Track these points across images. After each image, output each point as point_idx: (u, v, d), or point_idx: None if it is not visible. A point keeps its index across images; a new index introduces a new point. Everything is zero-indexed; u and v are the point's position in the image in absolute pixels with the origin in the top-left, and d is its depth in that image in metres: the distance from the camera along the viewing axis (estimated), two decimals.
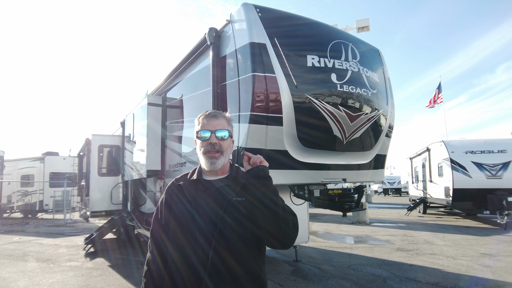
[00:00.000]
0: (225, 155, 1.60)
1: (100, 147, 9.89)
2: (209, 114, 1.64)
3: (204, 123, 1.61)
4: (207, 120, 1.61)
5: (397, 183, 42.07)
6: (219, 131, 1.59)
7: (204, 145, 1.58)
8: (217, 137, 1.58)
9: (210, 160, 1.56)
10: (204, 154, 1.58)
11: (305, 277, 5.74)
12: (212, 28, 4.44)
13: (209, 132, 1.58)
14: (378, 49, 5.42)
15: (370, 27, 14.06)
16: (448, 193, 12.82)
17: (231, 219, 1.48)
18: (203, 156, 1.59)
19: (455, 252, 7.44)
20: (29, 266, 7.12)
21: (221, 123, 1.61)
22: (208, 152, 1.57)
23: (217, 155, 1.56)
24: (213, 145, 1.56)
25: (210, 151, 1.57)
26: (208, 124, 1.60)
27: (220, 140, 1.58)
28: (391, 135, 5.44)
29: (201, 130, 1.60)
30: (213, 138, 1.57)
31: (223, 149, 1.59)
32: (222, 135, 1.59)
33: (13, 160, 20.78)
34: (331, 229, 11.68)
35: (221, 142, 1.58)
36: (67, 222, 16.09)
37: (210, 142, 1.57)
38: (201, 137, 1.59)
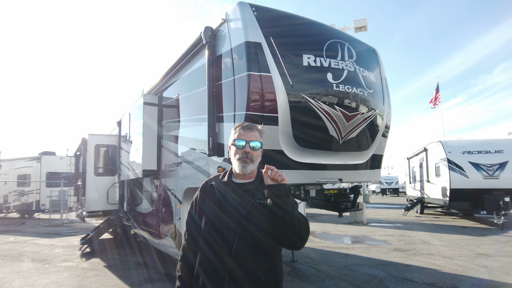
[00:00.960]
0: (255, 162, 1.81)
1: (97, 146, 9.85)
2: (246, 126, 1.82)
3: (240, 133, 1.79)
4: (244, 131, 1.79)
5: (394, 183, 42.17)
6: (253, 142, 1.78)
7: (239, 152, 1.77)
8: (250, 147, 1.77)
9: (242, 164, 1.75)
10: (238, 160, 1.76)
11: (301, 277, 5.73)
12: (208, 27, 4.41)
13: (244, 142, 1.76)
14: (375, 49, 5.41)
15: (368, 27, 14.06)
16: (445, 193, 12.83)
17: (254, 217, 1.67)
18: (236, 161, 1.77)
19: (451, 252, 7.44)
20: (24, 266, 7.08)
21: (255, 135, 1.81)
22: (241, 158, 1.76)
23: (248, 160, 1.76)
24: (247, 153, 1.76)
25: (243, 158, 1.76)
26: (244, 134, 1.78)
27: (252, 150, 1.78)
28: (388, 135, 5.43)
29: (237, 139, 1.78)
30: (247, 147, 1.76)
31: (254, 158, 1.79)
32: (255, 145, 1.78)
33: (9, 160, 20.69)
34: (328, 229, 11.67)
35: (253, 152, 1.78)
36: (63, 222, 16.01)
37: (245, 150, 1.76)
38: (237, 145, 1.77)
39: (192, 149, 5.04)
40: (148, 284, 5.62)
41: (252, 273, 1.64)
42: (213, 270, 1.66)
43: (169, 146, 6.00)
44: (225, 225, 1.68)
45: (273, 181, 1.64)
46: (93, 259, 7.72)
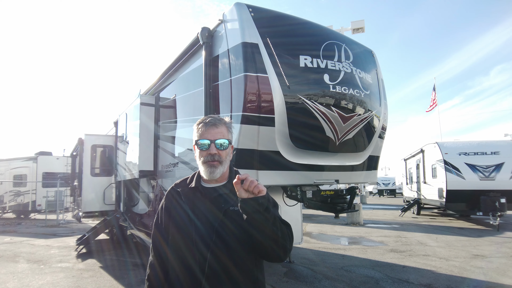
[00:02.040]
0: (224, 164, 1.57)
1: (93, 147, 9.81)
2: (208, 122, 1.58)
3: (203, 132, 1.56)
4: (206, 129, 1.56)
5: (391, 184, 42.26)
6: (219, 140, 1.54)
7: (203, 154, 1.55)
8: (216, 146, 1.53)
9: (209, 169, 1.53)
10: (204, 163, 1.55)
11: (297, 279, 5.73)
12: (205, 27, 4.41)
13: (208, 141, 1.53)
14: (372, 50, 5.42)
15: (365, 28, 14.12)
16: (441, 194, 12.88)
17: (230, 225, 1.48)
18: (202, 165, 1.56)
19: (448, 253, 7.46)
20: (20, 267, 7.03)
21: (221, 131, 1.57)
22: (207, 162, 1.54)
23: (215, 163, 1.53)
24: (213, 155, 1.53)
25: (209, 161, 1.54)
26: (207, 132, 1.55)
27: (220, 150, 1.54)
28: (384, 136, 5.44)
29: (200, 139, 1.56)
30: (212, 148, 1.53)
31: (222, 159, 1.55)
32: (222, 143, 1.55)
33: (5, 160, 20.58)
34: (325, 230, 11.69)
35: (221, 152, 1.55)
36: (60, 222, 15.93)
37: (210, 152, 1.53)
38: (200, 146, 1.55)
39: (189, 149, 5.03)
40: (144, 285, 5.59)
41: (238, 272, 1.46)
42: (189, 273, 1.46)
43: (166, 147, 5.99)
44: (197, 237, 1.47)
45: (248, 193, 1.32)
46: (89, 260, 7.69)
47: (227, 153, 1.59)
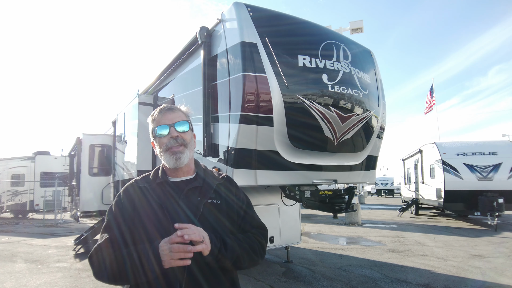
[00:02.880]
0: (190, 148, 1.46)
1: (91, 146, 9.80)
2: (163, 107, 1.48)
3: (159, 119, 1.45)
4: (162, 115, 1.45)
5: (390, 184, 42.30)
6: (178, 123, 1.44)
7: (164, 141, 1.42)
8: (177, 130, 1.42)
9: (174, 155, 1.40)
10: (167, 150, 1.41)
11: (296, 278, 5.72)
12: (204, 27, 4.41)
13: (167, 127, 1.41)
14: (370, 50, 5.43)
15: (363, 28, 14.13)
16: (439, 194, 12.90)
17: (210, 219, 1.38)
18: (165, 154, 1.42)
19: (446, 253, 7.47)
20: (17, 267, 7.00)
21: (179, 115, 1.47)
22: (170, 148, 1.41)
23: (181, 148, 1.41)
24: (175, 138, 1.41)
25: (172, 146, 1.41)
26: (164, 118, 1.44)
27: (181, 133, 1.43)
28: (383, 136, 5.44)
29: (157, 127, 1.43)
30: (173, 131, 1.42)
31: (186, 142, 1.44)
32: (182, 127, 1.44)
33: (3, 159, 20.51)
34: (324, 230, 11.69)
35: (183, 135, 1.44)
36: (58, 222, 15.89)
37: (171, 136, 1.41)
38: (159, 134, 1.43)
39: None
40: None
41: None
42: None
43: None
44: None
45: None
46: (87, 259, 7.63)
47: (190, 138, 1.48)
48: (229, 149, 3.85)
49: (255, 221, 1.55)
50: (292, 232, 6.40)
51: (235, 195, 1.53)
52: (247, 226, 1.51)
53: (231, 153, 3.82)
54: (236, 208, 1.49)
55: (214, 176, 1.54)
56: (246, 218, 1.52)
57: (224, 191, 1.49)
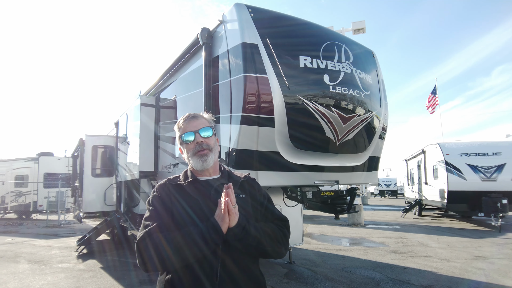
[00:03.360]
0: (214, 151, 1.59)
1: (94, 147, 9.83)
2: (187, 116, 1.63)
3: (185, 126, 1.59)
4: (188, 123, 1.60)
5: (393, 185, 42.20)
6: (203, 130, 1.58)
7: (191, 147, 1.57)
8: (201, 136, 1.57)
9: (201, 158, 1.54)
10: (194, 155, 1.56)
11: (298, 280, 5.71)
12: (205, 28, 4.41)
13: (193, 134, 1.56)
14: (372, 51, 5.41)
15: (366, 29, 14.10)
16: (443, 195, 12.83)
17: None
18: (193, 158, 1.56)
19: (449, 255, 7.43)
20: (20, 267, 7.04)
21: (202, 122, 1.61)
22: (197, 152, 1.55)
23: (206, 151, 1.55)
24: (200, 144, 1.56)
25: (199, 151, 1.55)
26: (189, 125, 1.59)
27: (206, 138, 1.57)
28: (385, 137, 5.43)
29: (183, 134, 1.58)
30: (198, 137, 1.56)
31: (211, 146, 1.58)
32: (207, 133, 1.58)
33: (7, 160, 20.63)
34: (326, 231, 11.66)
35: (207, 140, 1.57)
36: (61, 223, 15.97)
37: (197, 141, 1.56)
38: (186, 141, 1.57)
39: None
40: (144, 286, 5.59)
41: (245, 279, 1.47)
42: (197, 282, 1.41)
43: (166, 147, 5.99)
44: None
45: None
46: (90, 260, 7.69)
47: (214, 142, 1.61)
48: (230, 150, 3.85)
49: (276, 214, 1.66)
50: (294, 233, 6.31)
51: (257, 191, 1.66)
52: (270, 218, 1.63)
53: (232, 154, 3.82)
54: (259, 202, 1.62)
55: (238, 175, 1.68)
56: (268, 211, 1.65)
57: (248, 187, 1.64)
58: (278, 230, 1.55)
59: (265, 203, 1.64)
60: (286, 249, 1.58)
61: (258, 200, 1.62)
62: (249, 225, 1.42)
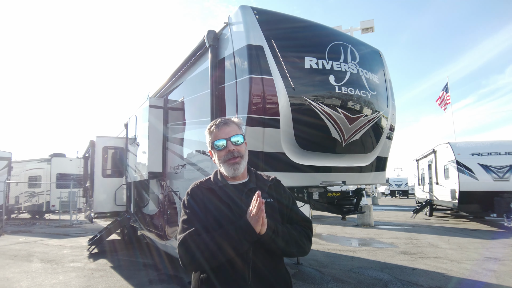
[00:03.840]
0: (245, 159, 1.64)
1: (105, 148, 9.96)
2: (219, 122, 1.65)
3: (216, 133, 1.62)
4: (219, 129, 1.62)
5: (404, 185, 41.69)
6: (234, 136, 1.60)
7: (222, 154, 1.60)
8: (233, 143, 1.59)
9: (232, 166, 1.58)
10: (225, 162, 1.60)
11: (305, 280, 5.71)
12: (211, 30, 4.46)
13: (224, 140, 1.59)
14: (379, 51, 5.39)
15: (374, 28, 13.97)
16: (454, 195, 12.66)
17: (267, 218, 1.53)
18: (224, 165, 1.60)
19: (459, 256, 7.33)
20: (33, 266, 7.20)
21: (234, 129, 1.63)
22: (228, 160, 1.59)
23: (237, 160, 1.59)
24: (232, 152, 1.59)
25: (230, 159, 1.59)
26: (221, 132, 1.61)
27: (237, 146, 1.60)
28: (392, 137, 5.39)
29: (215, 141, 1.61)
30: (230, 145, 1.59)
31: (242, 153, 1.62)
32: (237, 140, 1.61)
33: (20, 162, 21.06)
34: (335, 232, 11.61)
35: (238, 147, 1.61)
36: (73, 223, 16.24)
37: (228, 149, 1.59)
38: (217, 147, 1.61)
39: (196, 151, 5.08)
40: (153, 285, 5.66)
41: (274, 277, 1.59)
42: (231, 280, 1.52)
43: (174, 149, 6.05)
44: None
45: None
46: (100, 259, 7.82)
47: (244, 148, 1.65)
48: None
49: (300, 215, 1.75)
50: None
51: (283, 193, 1.74)
52: (295, 219, 1.71)
53: None
54: (284, 204, 1.70)
55: (264, 179, 1.75)
56: (293, 212, 1.73)
57: (274, 190, 1.71)
58: (303, 232, 1.65)
59: (290, 205, 1.72)
60: (309, 249, 1.68)
61: (284, 203, 1.69)
62: (277, 231, 1.51)
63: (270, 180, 1.74)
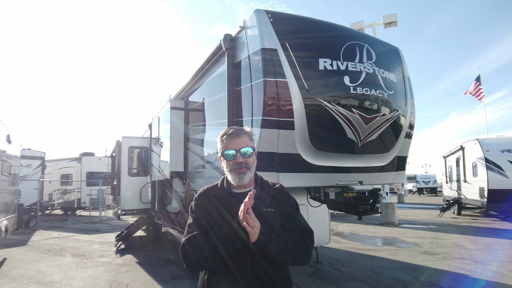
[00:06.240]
0: (252, 169, 1.71)
1: (130, 148, 10.35)
2: (231, 133, 1.71)
3: (227, 143, 1.69)
4: (230, 139, 1.69)
5: (432, 182, 40.46)
6: (244, 148, 1.67)
7: (230, 164, 1.68)
8: (242, 155, 1.67)
9: (238, 176, 1.67)
10: (232, 171, 1.68)
11: (323, 279, 5.74)
12: (227, 34, 4.57)
13: (234, 151, 1.67)
14: (398, 48, 5.31)
15: (398, 22, 13.64)
16: (482, 194, 12.23)
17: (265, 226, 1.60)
18: (231, 173, 1.69)
19: (485, 257, 7.12)
20: (65, 260, 7.62)
21: (244, 141, 1.70)
22: (235, 170, 1.67)
23: (244, 170, 1.67)
24: (240, 164, 1.66)
25: (236, 169, 1.67)
26: (231, 143, 1.68)
27: (245, 157, 1.67)
28: (412, 135, 5.31)
29: (225, 151, 1.69)
30: (238, 157, 1.66)
31: (249, 165, 1.69)
32: (246, 151, 1.68)
33: (53, 160, 22.14)
34: (357, 230, 11.51)
35: (247, 159, 1.68)
36: (102, 219, 16.94)
37: (237, 161, 1.66)
38: (226, 157, 1.68)
39: (216, 152, 5.21)
40: (176, 281, 5.87)
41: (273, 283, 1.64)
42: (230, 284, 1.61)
43: (195, 149, 6.23)
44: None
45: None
46: (126, 255, 8.16)
47: (253, 160, 1.72)
48: None
49: (302, 224, 1.77)
50: (321, 233, 6.42)
51: (286, 201, 1.78)
52: (295, 228, 1.74)
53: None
54: (286, 213, 1.74)
55: (270, 186, 1.80)
56: (294, 222, 1.76)
57: (278, 198, 1.75)
58: (301, 242, 1.67)
59: (292, 214, 1.76)
60: (308, 259, 1.71)
61: (286, 211, 1.74)
62: (270, 240, 1.55)
63: (274, 189, 1.78)
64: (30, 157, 16.76)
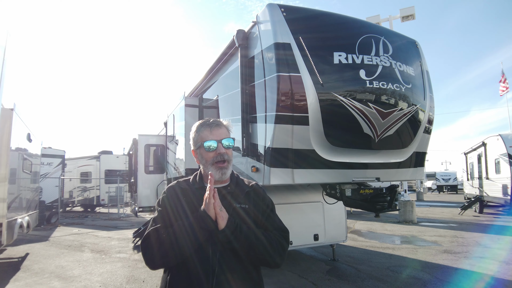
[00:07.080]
0: (231, 163, 1.61)
1: (147, 146, 10.49)
2: (212, 123, 1.60)
3: (207, 133, 1.57)
4: (211, 130, 1.58)
5: (452, 180, 39.40)
6: (225, 140, 1.57)
7: (211, 155, 1.55)
8: (224, 146, 1.56)
9: (220, 170, 1.54)
10: (213, 165, 1.55)
11: (340, 277, 5.66)
12: (240, 30, 4.54)
13: (216, 142, 1.55)
14: (415, 41, 5.16)
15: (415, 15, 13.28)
16: (506, 191, 11.82)
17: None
18: (212, 167, 1.55)
19: (508, 257, 6.86)
20: (85, 256, 7.79)
21: (225, 132, 1.60)
22: (217, 163, 1.55)
23: (225, 164, 1.56)
24: (222, 155, 1.55)
25: (219, 162, 1.55)
26: (212, 134, 1.57)
27: (227, 149, 1.57)
28: (431, 131, 5.15)
29: (206, 141, 1.56)
30: (220, 148, 1.55)
31: (230, 158, 1.59)
32: (228, 143, 1.58)
33: (73, 159, 22.69)
34: (375, 228, 11.31)
35: (228, 151, 1.58)
36: (120, 216, 17.27)
37: (219, 152, 1.55)
38: (207, 148, 1.55)
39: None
40: None
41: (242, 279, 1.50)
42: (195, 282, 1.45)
43: None
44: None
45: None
46: None
47: (232, 153, 1.62)
48: (266, 149, 3.93)
49: (277, 223, 1.66)
50: (337, 230, 6.33)
51: (261, 200, 1.66)
52: (270, 227, 1.62)
53: (268, 153, 3.90)
54: (261, 211, 1.62)
55: (244, 184, 1.69)
56: (269, 220, 1.64)
57: (253, 196, 1.64)
58: (274, 239, 1.55)
59: (267, 212, 1.64)
60: (281, 260, 1.56)
61: (261, 208, 1.62)
62: (240, 230, 1.45)
63: (250, 186, 1.68)
64: (50, 156, 17.22)
